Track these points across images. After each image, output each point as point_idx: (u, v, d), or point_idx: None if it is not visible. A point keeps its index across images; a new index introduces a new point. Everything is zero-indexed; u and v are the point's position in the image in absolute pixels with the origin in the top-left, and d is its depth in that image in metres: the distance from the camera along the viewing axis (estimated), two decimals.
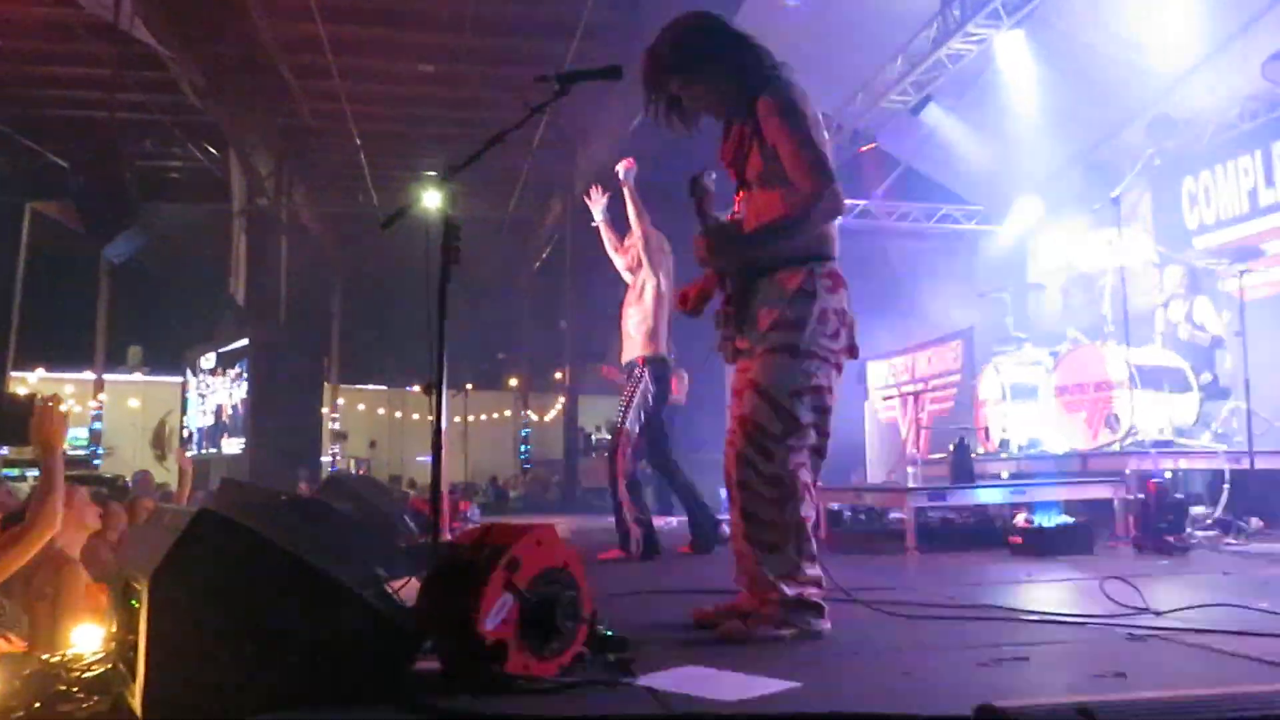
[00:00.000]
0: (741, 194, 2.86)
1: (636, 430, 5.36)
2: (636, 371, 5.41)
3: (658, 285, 5.45)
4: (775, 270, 2.71)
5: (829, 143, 2.78)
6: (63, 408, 2.97)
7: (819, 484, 2.83)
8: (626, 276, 5.72)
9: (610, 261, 5.81)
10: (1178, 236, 8.36)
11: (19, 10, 10.12)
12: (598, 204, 5.69)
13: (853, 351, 2.78)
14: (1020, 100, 8.91)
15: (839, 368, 2.76)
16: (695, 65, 2.78)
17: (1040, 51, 8.39)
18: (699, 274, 2.96)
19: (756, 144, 2.74)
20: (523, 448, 21.79)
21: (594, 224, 5.78)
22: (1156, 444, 6.06)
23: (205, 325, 15.60)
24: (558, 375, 19.08)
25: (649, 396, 5.37)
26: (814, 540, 2.73)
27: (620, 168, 5.43)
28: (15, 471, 11.71)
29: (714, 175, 2.93)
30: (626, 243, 5.69)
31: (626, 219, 5.53)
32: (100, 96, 11.75)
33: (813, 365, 2.68)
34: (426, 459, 2.75)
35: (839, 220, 2.80)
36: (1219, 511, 5.59)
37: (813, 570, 2.68)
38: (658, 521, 8.18)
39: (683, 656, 2.37)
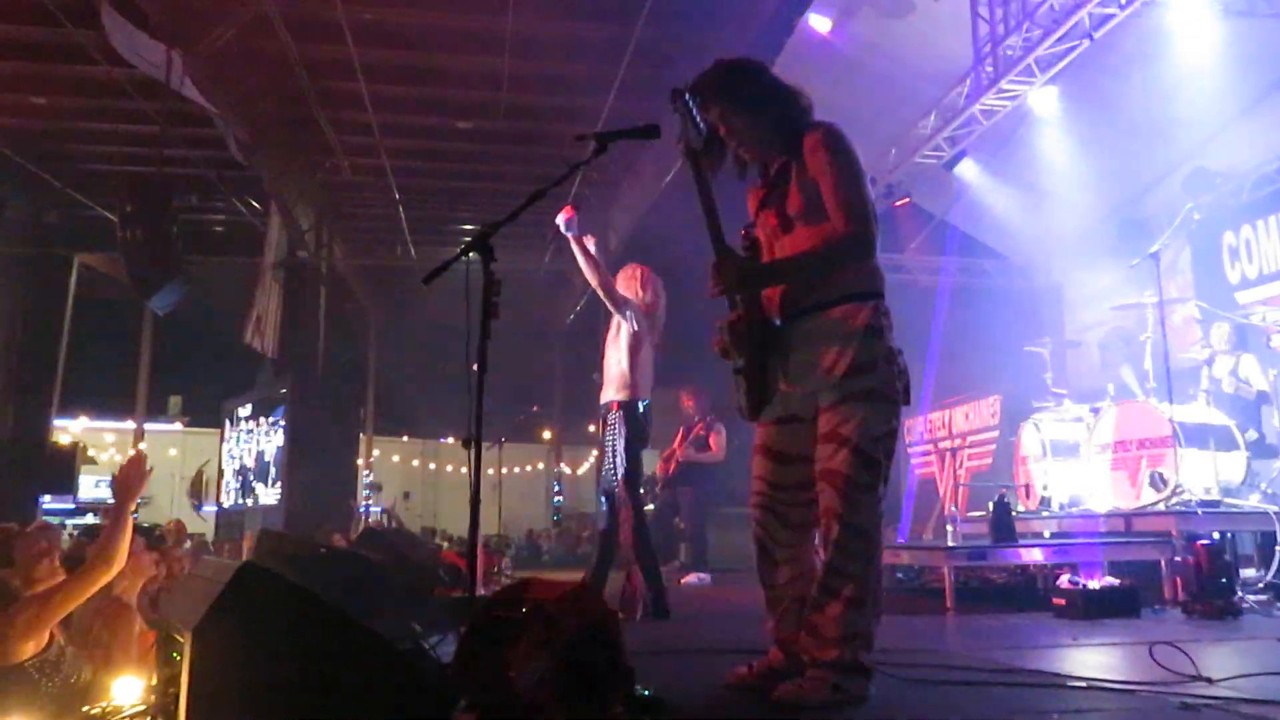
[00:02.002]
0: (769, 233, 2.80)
1: (628, 482, 5.04)
2: (610, 417, 5.16)
3: (630, 328, 5.15)
4: (828, 308, 2.63)
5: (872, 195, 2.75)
6: (147, 465, 3.44)
7: None
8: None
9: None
10: (1219, 291, 8.25)
11: (75, 70, 10.49)
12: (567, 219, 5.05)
13: (907, 395, 2.69)
14: (1055, 155, 8.91)
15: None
16: (742, 95, 2.78)
17: (1073, 107, 8.39)
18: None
19: (796, 179, 2.70)
20: (555, 500, 21.73)
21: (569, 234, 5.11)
22: (1203, 503, 5.92)
23: (244, 376, 15.76)
24: (591, 428, 19.09)
25: (625, 442, 5.10)
26: None
27: (560, 219, 4.95)
28: (55, 520, 11.86)
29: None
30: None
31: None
32: (149, 152, 12.06)
33: (888, 408, 2.61)
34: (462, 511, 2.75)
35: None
36: (1271, 575, 5.43)
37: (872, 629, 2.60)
38: (689, 579, 8.06)
39: (720, 718, 2.33)
